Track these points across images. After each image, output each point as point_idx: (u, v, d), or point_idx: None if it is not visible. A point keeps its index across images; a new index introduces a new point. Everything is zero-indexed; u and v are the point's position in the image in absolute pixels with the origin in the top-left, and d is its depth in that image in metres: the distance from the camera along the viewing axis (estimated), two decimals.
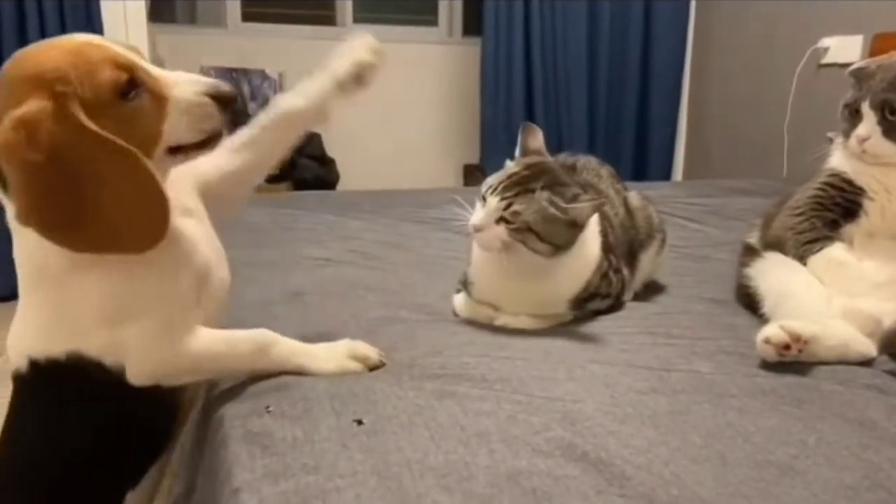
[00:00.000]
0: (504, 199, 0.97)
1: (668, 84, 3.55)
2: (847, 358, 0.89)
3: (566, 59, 3.43)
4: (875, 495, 0.60)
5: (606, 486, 0.59)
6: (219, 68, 3.50)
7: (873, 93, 1.01)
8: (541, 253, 0.98)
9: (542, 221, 0.96)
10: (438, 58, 3.70)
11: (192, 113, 0.76)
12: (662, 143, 3.60)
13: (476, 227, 0.98)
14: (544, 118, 3.44)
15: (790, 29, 3.05)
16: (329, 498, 0.56)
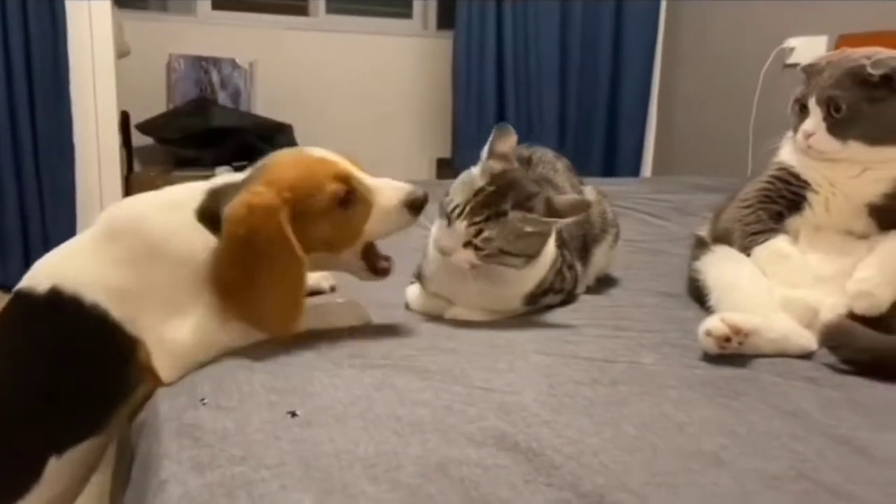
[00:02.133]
0: (473, 225, 0.95)
1: (638, 81, 3.57)
2: (787, 351, 0.91)
3: (538, 54, 3.44)
4: (799, 485, 0.61)
5: (535, 476, 0.60)
6: (188, 56, 3.46)
7: (820, 89, 1.03)
8: (516, 266, 0.98)
9: (516, 240, 0.96)
10: (412, 51, 3.69)
11: (390, 220, 0.92)
12: (632, 140, 3.62)
13: (444, 251, 0.98)
14: (515, 113, 3.45)
15: (757, 29, 3.09)
16: (253, 488, 0.56)
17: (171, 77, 3.47)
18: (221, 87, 3.56)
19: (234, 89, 3.55)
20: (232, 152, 3.29)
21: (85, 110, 2.66)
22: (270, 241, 0.83)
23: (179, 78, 3.49)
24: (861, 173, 1.03)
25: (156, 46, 3.37)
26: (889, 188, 1.02)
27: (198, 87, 3.49)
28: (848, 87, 1.00)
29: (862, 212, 1.04)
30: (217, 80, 3.56)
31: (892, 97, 0.99)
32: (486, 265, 0.97)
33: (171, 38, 3.43)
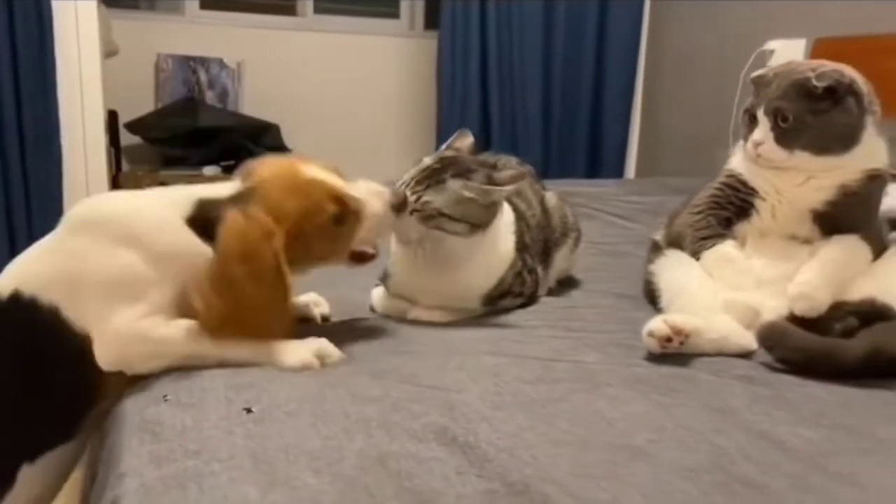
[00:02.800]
0: (415, 193, 1.02)
1: (622, 82, 3.62)
2: (727, 350, 0.96)
3: (521, 55, 3.48)
4: (713, 476, 0.66)
5: (468, 468, 0.65)
6: (176, 56, 3.49)
7: (768, 100, 1.07)
8: (459, 233, 1.03)
9: (455, 204, 1.01)
10: (400, 51, 3.72)
11: (379, 227, 0.97)
12: (616, 142, 3.67)
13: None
14: (499, 114, 3.49)
15: (738, 31, 3.14)
16: (204, 481, 0.60)
17: (159, 76, 3.50)
18: (209, 86, 3.59)
19: (221, 89, 3.58)
20: (219, 152, 3.33)
21: (72, 110, 2.69)
22: (264, 268, 0.84)
23: (167, 77, 3.52)
24: (805, 181, 1.08)
25: (144, 46, 3.40)
26: (831, 195, 1.07)
27: (186, 87, 3.52)
28: (793, 98, 1.04)
29: (806, 218, 1.09)
30: (205, 80, 3.59)
31: (835, 109, 1.03)
32: (435, 251, 1.03)
33: (159, 38, 3.46)
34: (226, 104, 3.55)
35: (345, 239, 0.95)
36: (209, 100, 3.54)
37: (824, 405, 0.81)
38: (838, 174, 1.06)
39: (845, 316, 0.99)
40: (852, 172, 1.06)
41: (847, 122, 1.04)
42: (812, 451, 0.71)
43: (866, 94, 1.04)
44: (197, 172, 3.21)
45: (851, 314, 0.99)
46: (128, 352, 0.84)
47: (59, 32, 2.62)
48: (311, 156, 3.31)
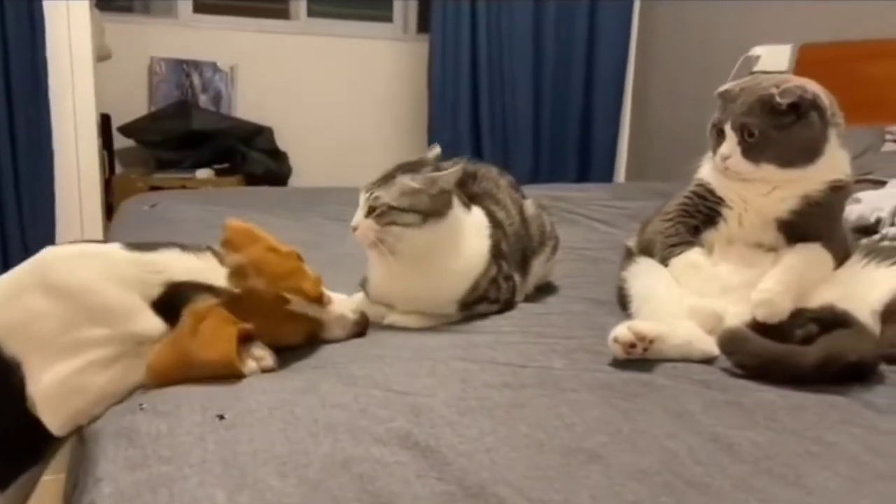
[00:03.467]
0: (369, 192, 1.08)
1: (612, 84, 3.66)
2: (690, 356, 0.99)
3: (512, 58, 3.52)
4: (662, 478, 0.69)
5: (427, 471, 0.68)
6: (169, 60, 3.52)
7: (734, 115, 1.10)
8: (411, 224, 1.06)
9: (402, 196, 1.06)
10: (393, 54, 3.75)
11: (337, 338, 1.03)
12: (605, 144, 3.71)
13: (353, 228, 1.09)
14: (489, 116, 3.53)
15: (725, 36, 3.17)
16: (175, 484, 0.64)
17: (152, 80, 3.54)
18: (203, 90, 3.62)
19: (215, 92, 3.61)
20: (212, 155, 3.37)
21: (64, 113, 2.71)
22: (218, 352, 0.86)
23: (161, 81, 3.55)
24: (771, 191, 1.11)
25: (137, 49, 3.43)
26: (795, 205, 1.10)
27: (179, 90, 3.56)
28: (759, 114, 1.08)
29: (771, 226, 1.12)
30: (198, 83, 3.62)
31: (798, 123, 1.07)
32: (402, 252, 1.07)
33: (152, 41, 3.49)
34: (219, 107, 3.58)
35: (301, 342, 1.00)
36: (203, 103, 3.58)
37: (777, 410, 0.85)
38: (802, 185, 1.10)
39: (806, 322, 1.03)
40: (816, 183, 1.09)
41: (810, 136, 1.07)
42: (759, 453, 0.74)
43: (829, 107, 1.08)
44: (190, 175, 3.25)
45: (812, 321, 1.03)
46: (74, 411, 0.84)
47: (51, 35, 2.64)
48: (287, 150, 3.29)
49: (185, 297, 0.89)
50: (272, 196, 2.14)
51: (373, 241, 1.07)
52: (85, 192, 2.82)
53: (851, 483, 0.70)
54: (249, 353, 0.91)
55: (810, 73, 1.17)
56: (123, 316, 0.87)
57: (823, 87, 1.11)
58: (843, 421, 0.82)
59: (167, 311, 0.88)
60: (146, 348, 0.87)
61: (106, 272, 0.88)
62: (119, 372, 0.86)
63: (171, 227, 1.60)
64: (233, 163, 3.38)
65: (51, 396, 0.83)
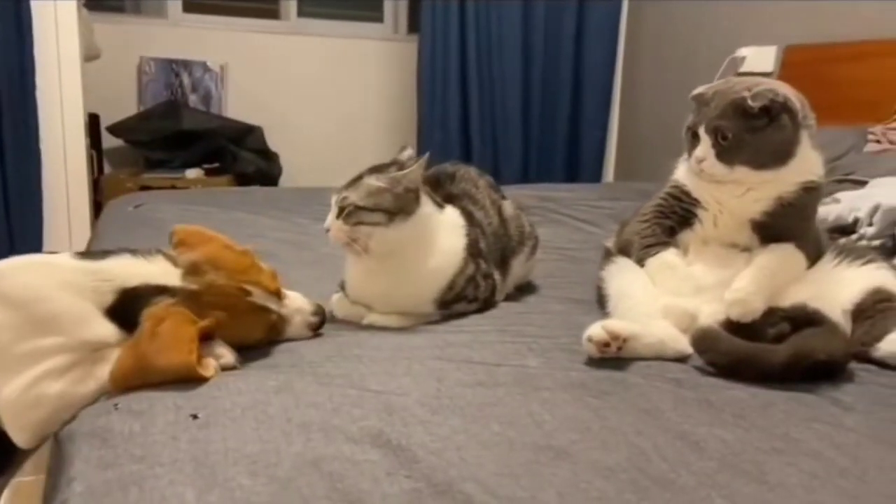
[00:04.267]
0: (338, 194, 1.11)
1: (600, 85, 3.67)
2: (664, 355, 1.01)
3: (501, 59, 3.53)
4: (628, 475, 0.71)
5: (397, 469, 0.69)
6: (159, 59, 3.52)
7: (708, 119, 1.12)
8: (378, 223, 1.08)
9: (367, 196, 1.09)
10: (383, 54, 3.76)
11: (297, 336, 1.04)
12: (594, 144, 3.72)
13: (326, 229, 1.11)
14: (479, 116, 3.53)
15: (712, 37, 3.19)
16: (145, 483, 0.65)
17: (141, 79, 3.54)
18: (192, 89, 3.62)
19: (205, 92, 3.61)
20: (202, 155, 3.37)
21: (51, 113, 2.71)
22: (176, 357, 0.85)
23: (150, 80, 3.55)
24: (745, 193, 1.13)
25: (126, 49, 3.43)
26: (769, 206, 1.12)
27: (168, 90, 3.56)
28: (732, 117, 1.09)
29: (745, 227, 1.14)
30: (188, 83, 3.62)
31: (770, 126, 1.08)
32: (375, 252, 1.09)
33: (141, 41, 3.49)
34: (209, 107, 3.58)
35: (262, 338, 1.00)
36: (192, 103, 3.57)
37: (745, 407, 0.86)
38: (775, 186, 1.11)
39: (778, 321, 1.05)
40: (789, 185, 1.11)
41: (782, 139, 1.08)
42: (725, 450, 0.76)
43: (800, 109, 1.09)
44: (180, 175, 3.25)
45: (784, 319, 1.04)
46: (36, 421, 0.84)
47: (39, 35, 2.64)
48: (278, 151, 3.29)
49: (142, 302, 0.89)
50: (258, 196, 2.15)
51: (345, 241, 1.09)
52: (73, 192, 2.82)
53: (814, 479, 0.71)
54: (211, 351, 0.91)
55: (795, 74, 1.19)
56: (75, 323, 0.87)
57: (795, 90, 1.12)
58: (809, 418, 0.84)
59: (124, 317, 0.89)
60: (103, 354, 0.87)
61: (56, 281, 0.88)
62: (75, 379, 0.86)
63: (156, 227, 1.60)
64: (223, 163, 3.38)
65: (12, 409, 0.83)
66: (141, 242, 1.28)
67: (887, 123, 2.21)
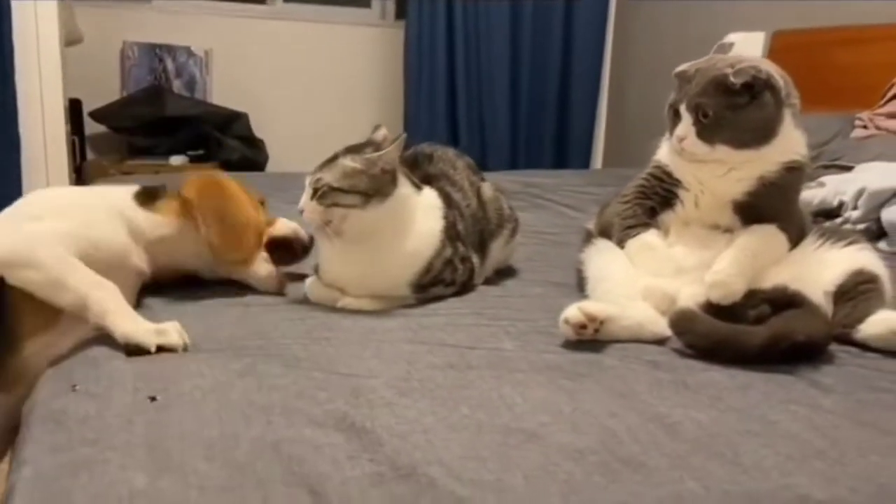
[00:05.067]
0: (313, 175, 1.09)
1: (589, 71, 3.65)
2: (642, 337, 0.99)
3: (489, 44, 3.49)
4: (599, 457, 0.68)
5: (360, 452, 0.67)
6: (142, 44, 3.46)
7: (689, 96, 1.09)
8: (354, 205, 1.06)
9: (343, 177, 1.06)
10: (370, 40, 3.71)
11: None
12: (583, 130, 3.70)
13: (300, 210, 1.09)
14: (466, 103, 3.50)
15: (701, 23, 3.17)
16: (96, 468, 0.62)
17: (124, 64, 3.48)
18: (176, 75, 3.57)
19: (189, 77, 3.56)
20: (187, 141, 3.32)
21: (30, 98, 2.66)
22: (227, 193, 1.18)
23: (133, 65, 3.49)
24: (727, 173, 1.10)
25: (109, 33, 3.37)
26: (751, 187, 1.10)
27: (152, 75, 3.50)
28: (713, 94, 1.07)
29: (727, 208, 1.11)
30: (172, 68, 3.57)
31: (752, 104, 1.06)
32: (349, 234, 1.07)
33: (124, 25, 3.43)
34: (194, 93, 3.53)
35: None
36: (176, 88, 3.52)
37: (722, 389, 0.84)
38: (758, 166, 1.09)
39: (759, 303, 1.03)
40: (771, 164, 1.09)
41: (764, 117, 1.06)
42: (700, 432, 0.74)
43: (783, 87, 1.07)
44: (164, 162, 3.20)
45: (765, 301, 1.02)
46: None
47: (18, 20, 2.59)
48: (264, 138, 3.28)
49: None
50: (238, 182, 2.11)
51: (319, 222, 1.07)
52: (53, 179, 2.77)
53: (789, 461, 0.70)
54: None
55: (783, 60, 1.16)
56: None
57: (779, 68, 1.10)
58: (787, 400, 0.82)
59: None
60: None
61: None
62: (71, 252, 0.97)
63: None
64: (208, 150, 3.33)
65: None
66: None
67: (875, 109, 2.20)
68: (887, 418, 0.78)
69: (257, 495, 0.59)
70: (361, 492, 0.61)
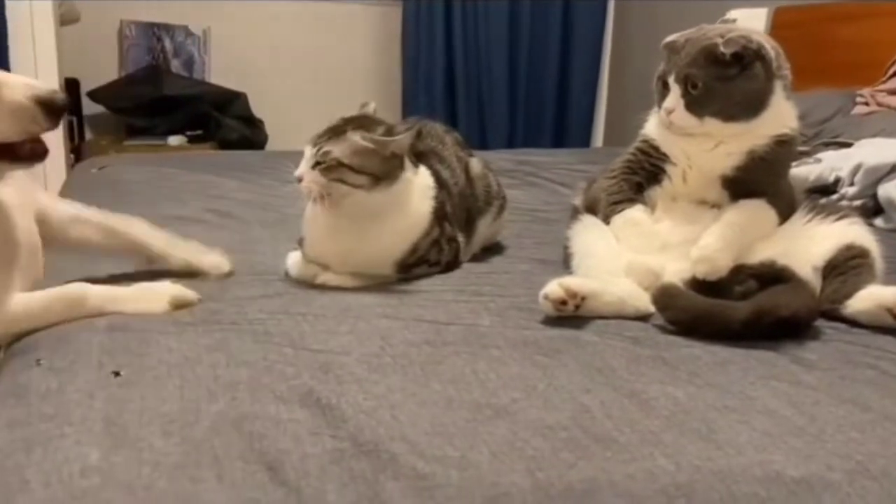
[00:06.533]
0: (316, 145, 1.04)
1: (590, 47, 3.59)
2: (624, 313, 0.97)
3: (487, 21, 3.44)
4: (569, 433, 0.67)
5: (323, 429, 0.65)
6: (140, 23, 3.43)
7: (678, 67, 1.06)
8: (361, 186, 1.03)
9: (353, 154, 1.02)
10: (368, 19, 3.67)
11: (16, 116, 0.87)
12: (583, 108, 3.65)
13: (297, 178, 1.04)
14: (465, 83, 3.46)
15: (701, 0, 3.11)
16: (51, 443, 0.61)
17: (122, 44, 3.45)
18: (175, 54, 3.54)
19: (187, 57, 3.53)
20: (185, 121, 3.30)
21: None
22: None
23: (131, 45, 3.47)
24: (715, 147, 1.08)
25: (107, 12, 3.34)
26: (740, 161, 1.07)
27: (150, 55, 3.47)
28: (702, 65, 1.04)
29: (716, 183, 1.09)
30: (170, 48, 3.54)
31: (742, 76, 1.03)
32: (344, 208, 1.03)
33: (122, 4, 3.40)
34: (192, 72, 3.50)
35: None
36: (175, 68, 3.49)
37: (702, 365, 0.82)
38: (747, 140, 1.06)
39: (746, 279, 1.01)
40: (760, 138, 1.06)
41: (754, 88, 1.03)
42: (675, 408, 0.72)
43: (774, 59, 1.04)
44: (162, 142, 3.18)
45: (752, 277, 1.00)
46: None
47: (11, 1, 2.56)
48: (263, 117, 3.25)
49: None
50: (226, 159, 2.10)
51: (317, 193, 1.03)
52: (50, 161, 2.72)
53: (765, 437, 0.68)
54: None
55: (785, 36, 1.13)
56: None
57: (771, 39, 1.07)
58: (768, 376, 0.80)
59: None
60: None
61: None
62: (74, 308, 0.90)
63: (118, 187, 1.56)
64: (207, 130, 3.31)
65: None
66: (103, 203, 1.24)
67: (876, 86, 2.15)
68: (868, 394, 0.76)
69: (212, 472, 0.58)
70: (320, 468, 0.60)
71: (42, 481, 0.56)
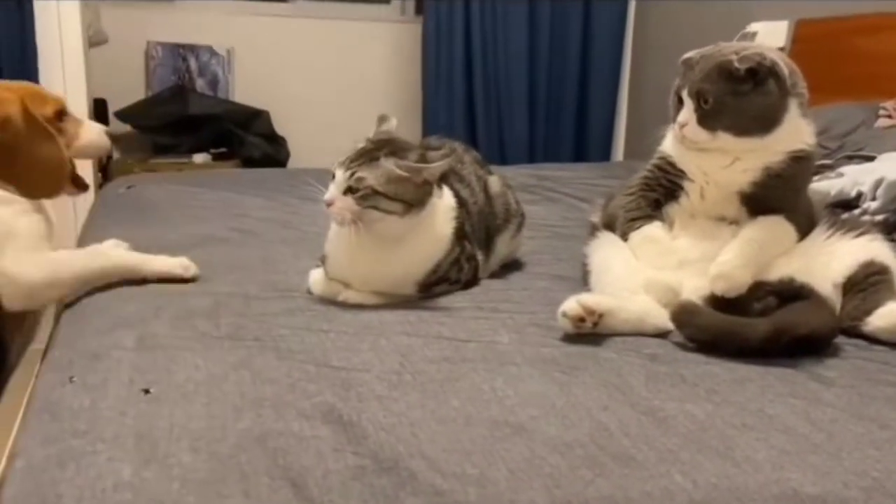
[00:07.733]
0: (349, 170, 1.04)
1: (609, 62, 3.59)
2: (642, 330, 0.97)
3: (506, 39, 3.46)
4: (586, 451, 0.68)
5: (345, 445, 0.67)
6: (165, 44, 3.51)
7: (691, 82, 1.08)
8: (394, 212, 1.04)
9: (388, 182, 1.03)
10: (390, 36, 3.71)
11: (95, 145, 1.32)
12: (603, 123, 3.66)
13: (327, 202, 1.05)
14: (484, 99, 3.48)
15: (723, 12, 3.10)
16: (83, 459, 0.63)
17: (149, 64, 3.53)
18: (199, 74, 3.62)
19: (212, 76, 3.61)
20: (210, 139, 3.36)
21: None
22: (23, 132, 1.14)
23: (158, 65, 3.55)
24: (731, 163, 1.08)
25: (134, 33, 3.42)
26: (757, 177, 1.07)
27: (176, 75, 3.55)
28: (716, 80, 1.05)
29: (734, 199, 1.09)
30: (195, 67, 3.61)
31: (755, 91, 1.04)
32: (372, 232, 1.04)
33: (149, 26, 3.48)
34: (216, 91, 3.57)
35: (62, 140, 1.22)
36: (199, 87, 3.57)
37: (720, 382, 0.83)
38: (763, 156, 1.07)
39: (765, 296, 1.01)
40: (776, 154, 1.06)
41: (766, 104, 1.04)
42: (693, 426, 0.73)
43: (789, 76, 1.04)
44: (187, 160, 3.25)
45: (771, 294, 1.01)
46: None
47: (41, 20, 2.63)
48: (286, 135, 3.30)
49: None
50: (249, 177, 2.14)
51: (349, 220, 1.03)
52: None
53: (783, 455, 0.68)
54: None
55: (806, 49, 1.14)
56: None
57: (787, 58, 1.07)
58: (787, 394, 0.81)
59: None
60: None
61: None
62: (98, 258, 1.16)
63: (145, 206, 1.60)
64: (230, 147, 3.37)
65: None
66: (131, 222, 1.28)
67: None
68: (887, 412, 0.76)
69: (239, 487, 0.60)
70: (342, 484, 0.61)
71: (76, 496, 0.59)
